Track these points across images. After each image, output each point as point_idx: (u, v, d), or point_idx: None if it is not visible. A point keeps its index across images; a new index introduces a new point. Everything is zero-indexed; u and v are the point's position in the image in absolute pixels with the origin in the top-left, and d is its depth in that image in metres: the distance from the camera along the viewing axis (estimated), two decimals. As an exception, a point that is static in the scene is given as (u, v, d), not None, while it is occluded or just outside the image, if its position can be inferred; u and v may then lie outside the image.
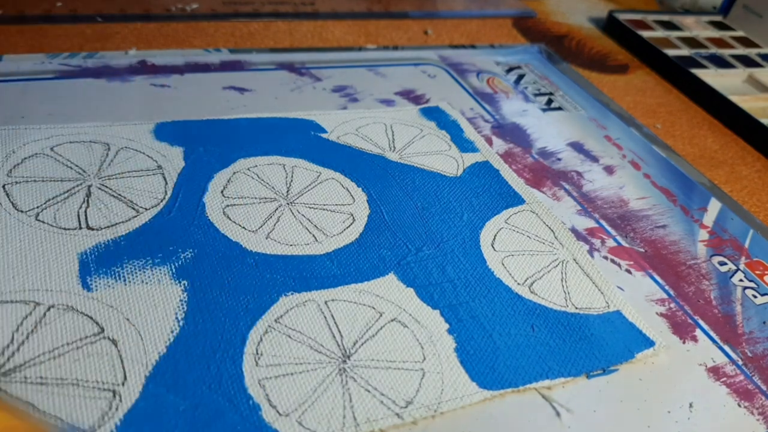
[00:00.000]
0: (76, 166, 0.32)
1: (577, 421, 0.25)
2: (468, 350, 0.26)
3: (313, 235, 0.30)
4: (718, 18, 0.66)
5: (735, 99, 0.50)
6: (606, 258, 0.33)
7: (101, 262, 0.27)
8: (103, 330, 0.24)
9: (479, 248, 0.32)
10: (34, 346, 0.23)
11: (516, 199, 0.36)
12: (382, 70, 0.46)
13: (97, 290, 0.26)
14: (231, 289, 0.27)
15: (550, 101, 0.47)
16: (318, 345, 0.25)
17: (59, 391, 0.22)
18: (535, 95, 0.47)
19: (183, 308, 0.26)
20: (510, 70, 0.50)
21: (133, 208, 0.30)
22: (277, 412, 0.23)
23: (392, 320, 0.27)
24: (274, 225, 0.31)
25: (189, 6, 0.50)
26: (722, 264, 0.35)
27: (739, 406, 0.27)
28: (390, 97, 0.43)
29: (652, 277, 0.33)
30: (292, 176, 0.34)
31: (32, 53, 0.41)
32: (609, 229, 0.35)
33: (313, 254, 0.29)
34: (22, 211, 0.29)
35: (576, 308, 0.29)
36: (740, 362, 0.29)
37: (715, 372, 0.28)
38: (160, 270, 0.27)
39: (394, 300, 0.28)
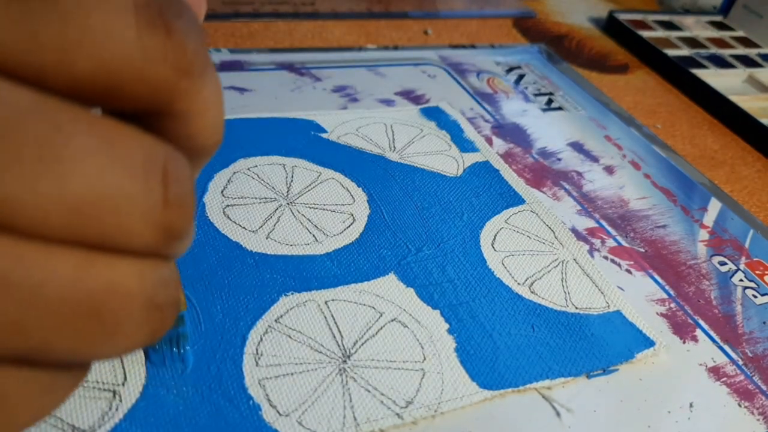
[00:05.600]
0: (76, 166, 0.32)
1: (577, 421, 0.25)
2: (468, 350, 0.26)
3: (313, 235, 0.30)
4: (718, 18, 0.66)
5: (735, 99, 0.50)
6: (606, 258, 0.33)
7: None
8: (103, 330, 0.24)
9: (479, 248, 0.32)
10: (34, 346, 0.23)
11: (516, 199, 0.36)
12: (382, 70, 0.46)
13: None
14: (231, 289, 0.27)
15: (550, 101, 0.47)
16: (318, 345, 0.25)
17: (59, 391, 0.22)
18: (535, 95, 0.47)
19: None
20: (510, 70, 0.50)
21: (133, 208, 0.30)
22: (277, 412, 0.23)
23: (392, 320, 0.27)
24: (274, 225, 0.31)
25: (189, 6, 0.50)
26: (722, 264, 0.35)
27: (740, 406, 0.27)
28: (390, 97, 0.43)
29: (652, 277, 0.33)
30: (292, 176, 0.34)
31: (32, 53, 0.41)
32: (609, 229, 0.35)
33: (313, 254, 0.29)
34: (22, 211, 0.29)
35: (576, 308, 0.29)
36: (740, 362, 0.29)
37: (716, 372, 0.28)
38: (160, 270, 0.27)
39: (395, 300, 0.28)
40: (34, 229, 0.09)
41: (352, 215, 0.32)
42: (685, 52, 0.58)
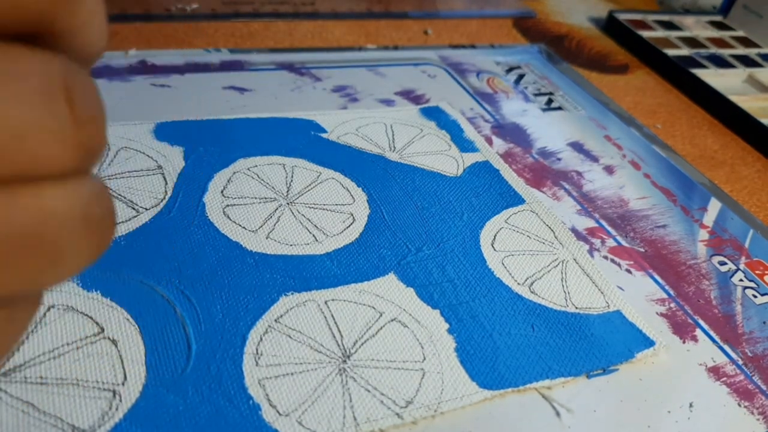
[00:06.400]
0: (76, 166, 0.32)
1: (577, 421, 0.25)
2: (468, 350, 0.26)
3: (313, 235, 0.30)
4: (718, 18, 0.66)
5: (735, 99, 0.50)
6: (606, 258, 0.33)
7: (101, 262, 0.27)
8: (103, 330, 0.24)
9: (479, 248, 0.32)
10: (34, 346, 0.23)
11: (516, 199, 0.36)
12: (382, 70, 0.46)
13: (96, 290, 0.26)
14: (231, 289, 0.27)
15: (550, 101, 0.47)
16: (318, 345, 0.25)
17: (59, 391, 0.22)
18: (535, 95, 0.47)
19: (183, 308, 0.26)
20: (510, 70, 0.50)
21: (133, 208, 0.30)
22: (277, 412, 0.23)
23: (392, 320, 0.27)
24: (274, 225, 0.31)
25: (189, 6, 0.50)
26: (722, 264, 0.35)
27: (739, 406, 0.27)
28: (390, 97, 0.43)
29: (652, 277, 0.33)
30: (292, 176, 0.34)
31: (32, 53, 0.41)
32: (609, 229, 0.35)
33: (313, 254, 0.29)
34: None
35: (576, 308, 0.29)
36: (740, 362, 0.29)
37: (715, 372, 0.28)
38: (159, 270, 0.27)
39: (394, 300, 0.28)
40: None
41: (352, 215, 0.32)
42: (685, 52, 0.58)
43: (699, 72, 0.54)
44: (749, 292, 0.33)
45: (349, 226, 0.31)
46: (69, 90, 0.09)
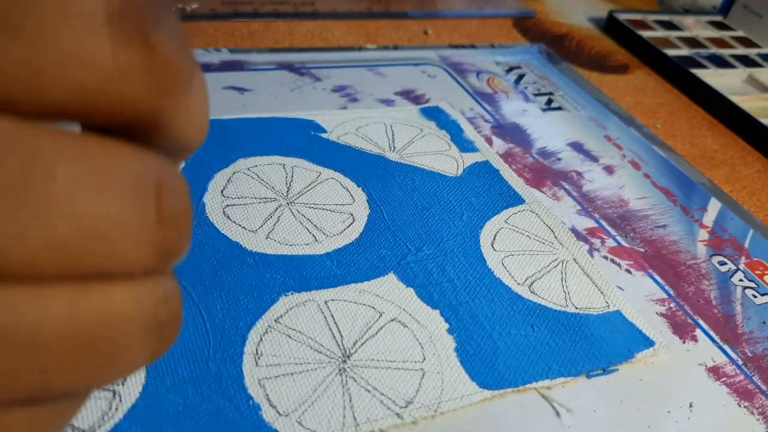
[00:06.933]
0: (76, 166, 0.32)
1: (577, 421, 0.25)
2: (468, 350, 0.26)
3: (313, 235, 0.30)
4: (718, 18, 0.66)
5: (735, 99, 0.50)
6: (606, 258, 0.33)
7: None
8: (103, 330, 0.24)
9: (479, 248, 0.32)
10: (34, 346, 0.23)
11: (516, 199, 0.36)
12: (382, 70, 0.46)
13: (97, 290, 0.26)
14: (231, 289, 0.27)
15: (550, 101, 0.47)
16: (318, 345, 0.25)
17: (59, 391, 0.22)
18: (535, 95, 0.47)
19: (183, 308, 0.26)
20: (510, 70, 0.50)
21: (133, 208, 0.30)
22: (277, 412, 0.23)
23: (392, 320, 0.27)
24: (274, 225, 0.31)
25: (189, 6, 0.50)
26: (722, 264, 0.35)
27: (739, 406, 0.27)
28: (390, 97, 0.43)
29: (652, 277, 0.33)
30: (292, 176, 0.34)
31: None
32: (609, 229, 0.35)
33: (313, 254, 0.29)
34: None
35: (576, 308, 0.29)
36: (740, 362, 0.29)
37: (715, 372, 0.28)
38: (160, 270, 0.27)
39: (394, 300, 0.28)
40: (22, 273, 0.08)
41: (351, 215, 0.32)
42: (685, 52, 0.58)
43: (699, 72, 0.54)
44: (749, 292, 0.33)
45: (349, 226, 0.31)
46: (159, 188, 0.09)
